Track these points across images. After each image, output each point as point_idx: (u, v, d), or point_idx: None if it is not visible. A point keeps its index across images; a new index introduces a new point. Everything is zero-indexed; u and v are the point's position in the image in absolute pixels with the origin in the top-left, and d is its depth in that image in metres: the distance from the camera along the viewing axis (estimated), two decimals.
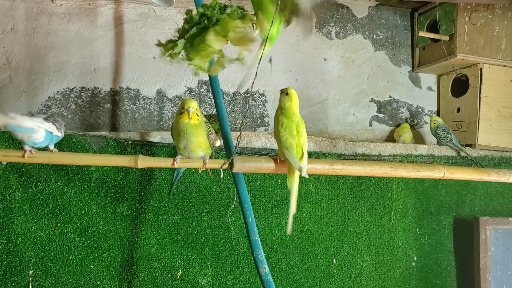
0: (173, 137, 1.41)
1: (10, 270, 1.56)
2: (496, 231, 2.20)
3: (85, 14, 1.97)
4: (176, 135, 1.36)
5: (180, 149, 1.37)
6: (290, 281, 1.93)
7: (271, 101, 2.23)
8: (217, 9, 1.10)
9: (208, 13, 1.10)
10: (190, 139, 1.34)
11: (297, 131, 1.28)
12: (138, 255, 1.71)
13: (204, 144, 1.37)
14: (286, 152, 1.26)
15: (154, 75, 2.05)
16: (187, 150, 1.36)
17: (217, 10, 1.10)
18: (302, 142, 1.28)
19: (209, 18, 1.10)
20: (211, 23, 1.09)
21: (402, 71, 2.53)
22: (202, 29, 1.10)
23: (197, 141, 1.35)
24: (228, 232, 1.84)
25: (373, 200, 2.11)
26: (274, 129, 1.34)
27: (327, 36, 2.38)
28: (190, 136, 1.34)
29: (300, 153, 1.28)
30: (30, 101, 1.86)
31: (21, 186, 1.59)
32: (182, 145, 1.35)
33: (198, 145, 1.35)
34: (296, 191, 1.29)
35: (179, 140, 1.36)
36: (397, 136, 2.37)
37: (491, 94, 2.28)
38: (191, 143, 1.34)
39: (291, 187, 1.28)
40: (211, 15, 1.09)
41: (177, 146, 1.38)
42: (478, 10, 2.27)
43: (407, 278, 2.14)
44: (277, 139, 1.31)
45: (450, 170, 1.54)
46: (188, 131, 1.33)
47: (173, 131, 1.39)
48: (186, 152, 1.36)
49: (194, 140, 1.34)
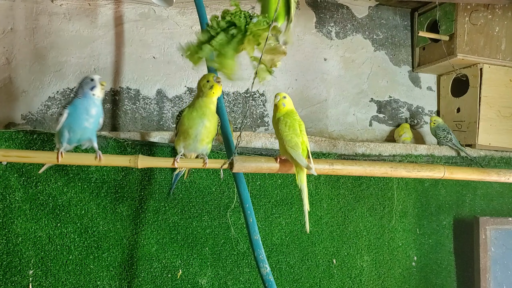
0: (179, 129, 1.35)
1: (10, 270, 1.56)
2: (496, 231, 2.20)
3: (85, 14, 1.97)
4: (191, 120, 1.32)
5: (190, 138, 1.33)
6: (290, 281, 1.93)
7: (271, 101, 2.23)
8: (243, 18, 1.11)
9: (236, 21, 1.10)
10: (205, 124, 1.30)
11: (299, 129, 1.29)
12: (138, 255, 1.71)
13: (213, 134, 1.35)
14: (292, 151, 1.26)
15: (154, 75, 2.05)
16: (195, 140, 1.32)
17: (243, 19, 1.11)
18: (306, 141, 1.29)
19: (237, 27, 1.10)
20: (240, 33, 1.10)
21: (402, 71, 2.53)
22: (231, 37, 1.11)
23: (211, 127, 1.32)
24: (228, 232, 1.84)
25: (373, 200, 2.11)
26: (276, 129, 1.33)
27: (327, 36, 2.38)
28: (207, 119, 1.30)
29: (306, 151, 1.28)
30: (30, 101, 1.86)
31: (21, 186, 1.59)
32: (194, 132, 1.31)
33: (209, 133, 1.32)
34: (306, 188, 1.29)
35: (193, 125, 1.31)
36: (397, 136, 2.37)
37: (491, 94, 2.28)
38: (205, 129, 1.31)
39: (301, 185, 1.28)
40: (239, 24, 1.10)
41: (185, 136, 1.34)
42: (478, 10, 2.27)
43: (407, 278, 2.14)
44: (281, 138, 1.31)
45: (450, 170, 1.54)
46: (209, 112, 1.30)
47: (185, 119, 1.34)
48: (193, 143, 1.32)
49: (209, 125, 1.31)
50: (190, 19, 2.12)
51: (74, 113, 1.25)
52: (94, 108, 1.26)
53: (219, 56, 1.12)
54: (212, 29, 1.11)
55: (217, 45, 1.10)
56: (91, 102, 1.25)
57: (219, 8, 2.17)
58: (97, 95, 1.26)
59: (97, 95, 1.26)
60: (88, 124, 1.26)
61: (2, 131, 1.57)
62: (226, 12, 1.13)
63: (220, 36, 1.10)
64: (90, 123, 1.26)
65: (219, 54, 1.12)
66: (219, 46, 1.10)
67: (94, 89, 1.26)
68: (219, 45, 1.10)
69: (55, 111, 1.90)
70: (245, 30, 1.10)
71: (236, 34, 1.10)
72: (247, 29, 1.10)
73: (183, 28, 2.11)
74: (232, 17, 1.11)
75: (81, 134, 1.26)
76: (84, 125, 1.25)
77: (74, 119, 1.25)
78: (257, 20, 1.12)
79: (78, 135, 1.26)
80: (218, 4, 2.17)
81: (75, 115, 1.24)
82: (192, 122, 1.32)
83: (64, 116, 1.24)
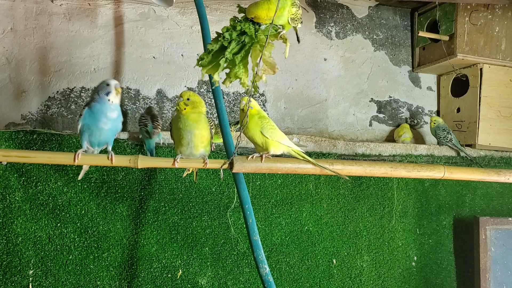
0: (173, 136, 1.38)
1: (10, 270, 1.56)
2: (496, 231, 2.20)
3: (85, 14, 1.97)
4: (178, 131, 1.33)
5: (183, 146, 1.34)
6: (290, 281, 1.93)
7: (271, 101, 2.23)
8: (252, 25, 1.13)
9: (246, 30, 1.12)
10: (194, 132, 1.31)
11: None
12: (138, 255, 1.71)
13: (206, 138, 1.35)
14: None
15: (154, 75, 2.05)
16: (189, 147, 1.33)
17: (252, 26, 1.13)
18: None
19: (248, 35, 1.12)
20: (251, 41, 1.12)
21: (402, 71, 2.53)
22: (242, 45, 1.13)
23: (200, 134, 1.32)
24: (228, 232, 1.84)
25: (373, 200, 2.11)
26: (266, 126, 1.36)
27: (327, 36, 2.38)
28: (193, 128, 1.31)
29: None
30: (30, 101, 1.86)
31: (21, 186, 1.59)
32: (186, 141, 1.32)
33: (201, 139, 1.33)
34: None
35: (182, 136, 1.32)
36: (397, 136, 2.37)
37: (491, 94, 2.28)
38: (195, 137, 1.32)
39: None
40: (250, 33, 1.12)
41: (178, 143, 1.35)
42: (478, 10, 2.27)
43: (407, 278, 2.14)
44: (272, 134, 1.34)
45: (450, 170, 1.54)
46: (192, 122, 1.31)
47: (174, 129, 1.37)
48: (188, 149, 1.33)
49: (198, 132, 1.32)
50: (190, 19, 2.12)
51: (90, 116, 1.27)
52: (110, 113, 1.27)
53: (231, 64, 1.13)
54: (224, 40, 1.13)
55: (230, 56, 1.12)
56: (107, 107, 1.26)
57: (219, 8, 2.17)
58: (112, 100, 1.27)
59: (111, 100, 1.27)
60: (105, 127, 1.27)
61: (2, 131, 1.57)
62: (234, 20, 1.14)
63: (232, 45, 1.12)
64: (107, 127, 1.28)
65: (231, 63, 1.13)
66: (232, 56, 1.12)
67: (110, 94, 1.27)
68: (232, 55, 1.12)
69: (55, 111, 1.90)
70: (255, 37, 1.12)
71: (248, 42, 1.12)
72: (257, 36, 1.12)
73: (183, 28, 2.11)
74: (242, 26, 1.12)
75: (99, 136, 1.28)
76: (101, 128, 1.27)
77: (91, 122, 1.27)
78: (265, 27, 1.14)
79: (97, 137, 1.28)
80: (218, 4, 2.17)
81: (91, 118, 1.27)
82: (180, 133, 1.34)
83: (81, 118, 1.28)
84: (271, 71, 1.11)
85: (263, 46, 1.10)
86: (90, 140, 1.29)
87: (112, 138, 1.32)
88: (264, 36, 1.11)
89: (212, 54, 1.14)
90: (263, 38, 1.11)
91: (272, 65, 1.11)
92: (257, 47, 1.11)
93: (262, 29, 1.13)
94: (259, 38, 1.11)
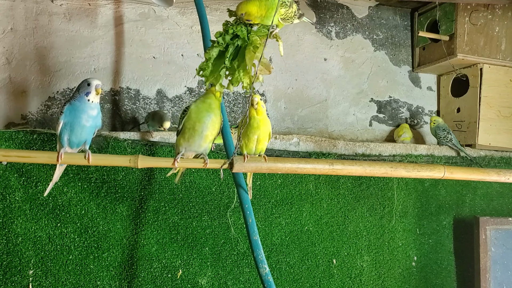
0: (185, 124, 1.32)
1: (10, 270, 1.56)
2: (496, 231, 2.20)
3: (85, 14, 1.97)
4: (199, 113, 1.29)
5: (193, 135, 1.30)
6: (290, 281, 1.93)
7: (271, 101, 2.23)
8: (244, 27, 1.13)
9: (239, 33, 1.12)
10: (212, 118, 1.29)
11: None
12: (138, 255, 1.71)
13: (217, 131, 1.34)
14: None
15: (154, 75, 2.05)
16: (201, 136, 1.30)
17: (244, 28, 1.12)
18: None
19: (241, 38, 1.12)
20: (245, 43, 1.12)
21: (402, 71, 2.53)
22: (236, 49, 1.13)
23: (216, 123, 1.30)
24: (228, 232, 1.84)
25: (373, 200, 2.11)
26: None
27: (327, 36, 2.38)
28: (214, 114, 1.29)
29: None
30: (30, 101, 1.86)
31: (21, 186, 1.59)
32: (200, 127, 1.29)
33: (214, 128, 1.31)
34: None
35: (201, 118, 1.29)
36: (397, 136, 2.37)
37: (491, 94, 2.28)
38: (211, 123, 1.29)
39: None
40: (242, 35, 1.12)
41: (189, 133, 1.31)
42: (478, 10, 2.27)
43: (407, 278, 2.14)
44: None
45: (450, 170, 1.54)
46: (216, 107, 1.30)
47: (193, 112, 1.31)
48: (198, 139, 1.31)
49: (215, 120, 1.30)
50: (190, 19, 2.12)
51: (70, 114, 1.27)
52: (90, 111, 1.28)
53: (231, 70, 1.13)
54: (219, 45, 1.13)
55: (229, 63, 1.12)
56: (86, 106, 1.27)
57: (219, 8, 2.17)
58: (91, 100, 1.28)
59: (91, 100, 1.28)
60: (87, 124, 1.28)
61: (2, 131, 1.57)
62: (227, 24, 1.14)
63: (230, 50, 1.12)
64: (89, 123, 1.28)
65: (231, 69, 1.13)
66: (230, 62, 1.13)
67: (89, 94, 1.27)
68: (230, 62, 1.13)
69: (55, 111, 1.90)
70: (248, 39, 1.12)
71: (241, 44, 1.12)
72: (249, 38, 1.11)
73: (183, 28, 2.11)
74: (234, 29, 1.12)
75: (80, 134, 1.28)
76: (83, 125, 1.28)
77: (73, 119, 1.27)
78: (257, 28, 1.13)
79: (78, 135, 1.28)
80: (218, 4, 2.17)
81: (71, 116, 1.27)
82: (200, 115, 1.29)
83: (62, 116, 1.28)
84: (267, 71, 1.12)
85: (256, 47, 1.10)
86: (70, 139, 1.29)
87: (91, 136, 1.32)
88: (257, 37, 1.11)
89: (211, 63, 1.14)
90: (256, 39, 1.11)
91: (267, 65, 1.11)
92: (250, 49, 1.10)
93: (254, 30, 1.13)
94: (252, 39, 1.11)
